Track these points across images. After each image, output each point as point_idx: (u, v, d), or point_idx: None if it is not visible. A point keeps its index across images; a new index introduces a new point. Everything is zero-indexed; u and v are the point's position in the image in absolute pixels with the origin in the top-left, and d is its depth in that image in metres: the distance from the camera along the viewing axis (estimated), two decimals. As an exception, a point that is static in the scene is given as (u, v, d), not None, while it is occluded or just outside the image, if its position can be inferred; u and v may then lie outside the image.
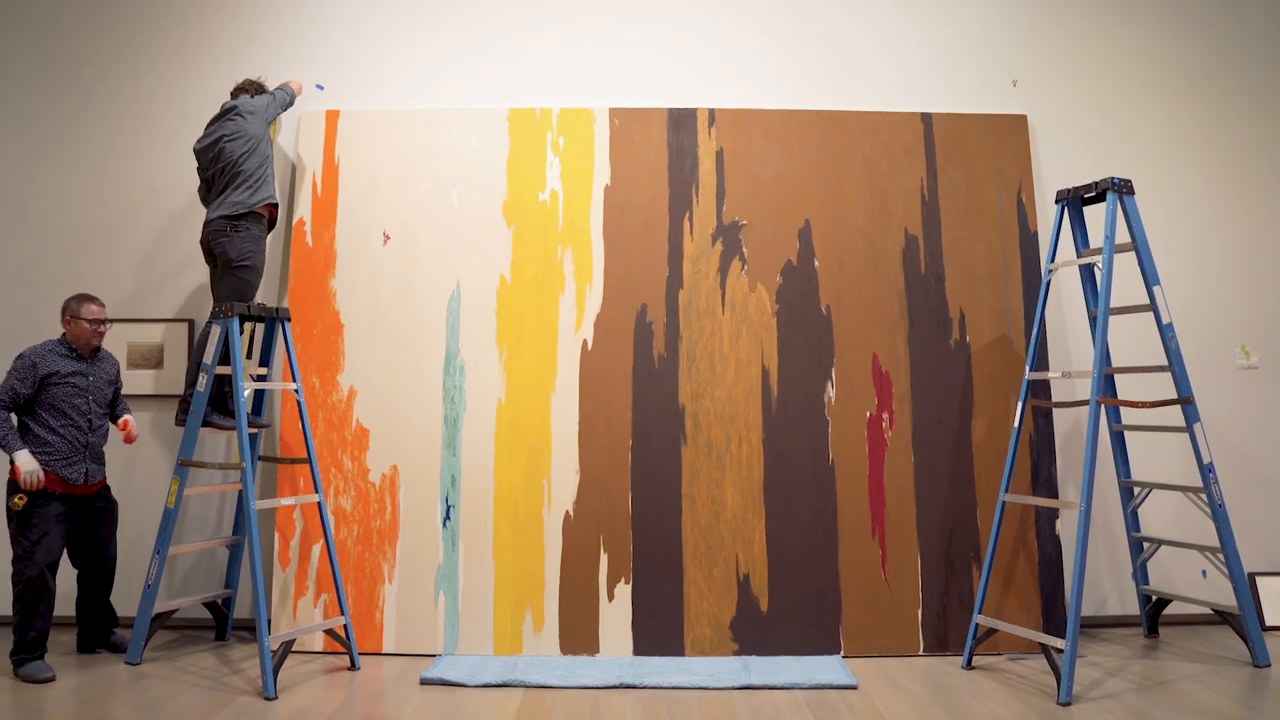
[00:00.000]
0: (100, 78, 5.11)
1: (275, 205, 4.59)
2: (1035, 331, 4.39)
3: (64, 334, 4.29)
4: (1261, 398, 5.05)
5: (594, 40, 5.07)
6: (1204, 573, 4.92)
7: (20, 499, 4.06)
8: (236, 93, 4.66)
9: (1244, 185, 5.14)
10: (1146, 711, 3.67)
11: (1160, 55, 5.17)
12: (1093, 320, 4.49)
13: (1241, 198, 5.13)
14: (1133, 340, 4.88)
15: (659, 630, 4.46)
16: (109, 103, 5.11)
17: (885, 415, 4.65)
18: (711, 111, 4.88)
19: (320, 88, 5.02)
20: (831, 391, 4.66)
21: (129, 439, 4.36)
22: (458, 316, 4.72)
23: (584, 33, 5.08)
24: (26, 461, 4.07)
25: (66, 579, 4.60)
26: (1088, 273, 4.53)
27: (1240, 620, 4.27)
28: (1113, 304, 4.61)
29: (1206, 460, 4.23)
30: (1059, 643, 3.88)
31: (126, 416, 4.42)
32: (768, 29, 5.10)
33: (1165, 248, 5.04)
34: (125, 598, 4.82)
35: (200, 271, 4.96)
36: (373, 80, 5.04)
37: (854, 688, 3.99)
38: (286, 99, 4.71)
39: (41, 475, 4.08)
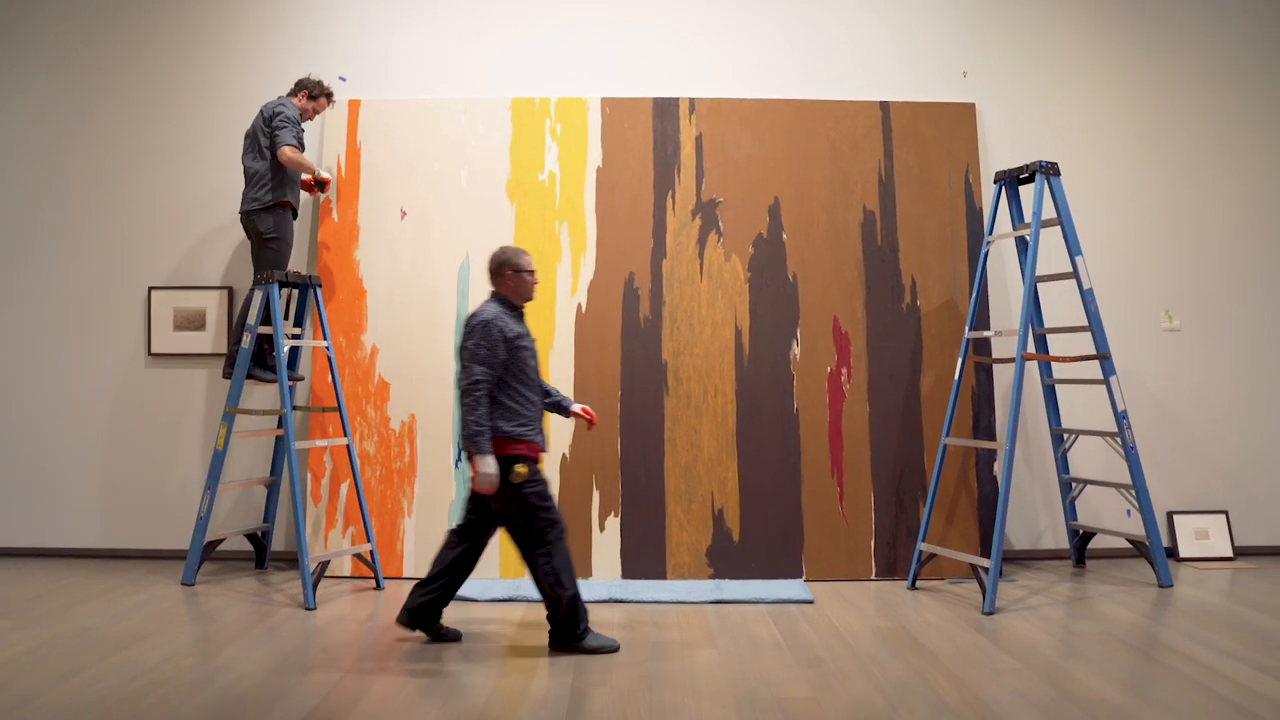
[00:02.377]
0: (143, 78, 5.69)
1: (288, 201, 5.09)
2: (975, 296, 5.01)
3: (497, 293, 3.95)
4: (1182, 357, 5.67)
5: (588, 36, 5.65)
6: (1129, 511, 5.55)
7: (522, 468, 3.76)
8: (295, 88, 5.21)
9: (1169, 165, 5.73)
10: (1057, 619, 4.32)
11: (1097, 49, 5.74)
12: (1032, 289, 5.09)
13: (1167, 177, 5.72)
14: (1066, 304, 5.48)
15: (644, 557, 5.11)
16: (154, 101, 5.69)
17: (844, 370, 5.28)
18: (692, 101, 5.47)
19: (343, 79, 5.60)
20: (796, 349, 5.28)
21: (593, 424, 4.20)
22: (467, 283, 5.34)
23: (579, 29, 5.65)
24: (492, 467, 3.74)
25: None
26: (1022, 244, 5.13)
27: (1148, 548, 4.92)
28: (1042, 272, 5.21)
29: (1121, 409, 4.85)
30: (985, 562, 4.52)
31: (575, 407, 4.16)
32: (744, 26, 5.67)
33: (1099, 222, 5.64)
34: (177, 529, 5.48)
35: (235, 244, 5.57)
36: (390, 72, 5.62)
37: (810, 602, 4.64)
38: (282, 129, 4.95)
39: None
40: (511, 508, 3.82)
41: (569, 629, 3.81)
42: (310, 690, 3.39)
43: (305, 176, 5.17)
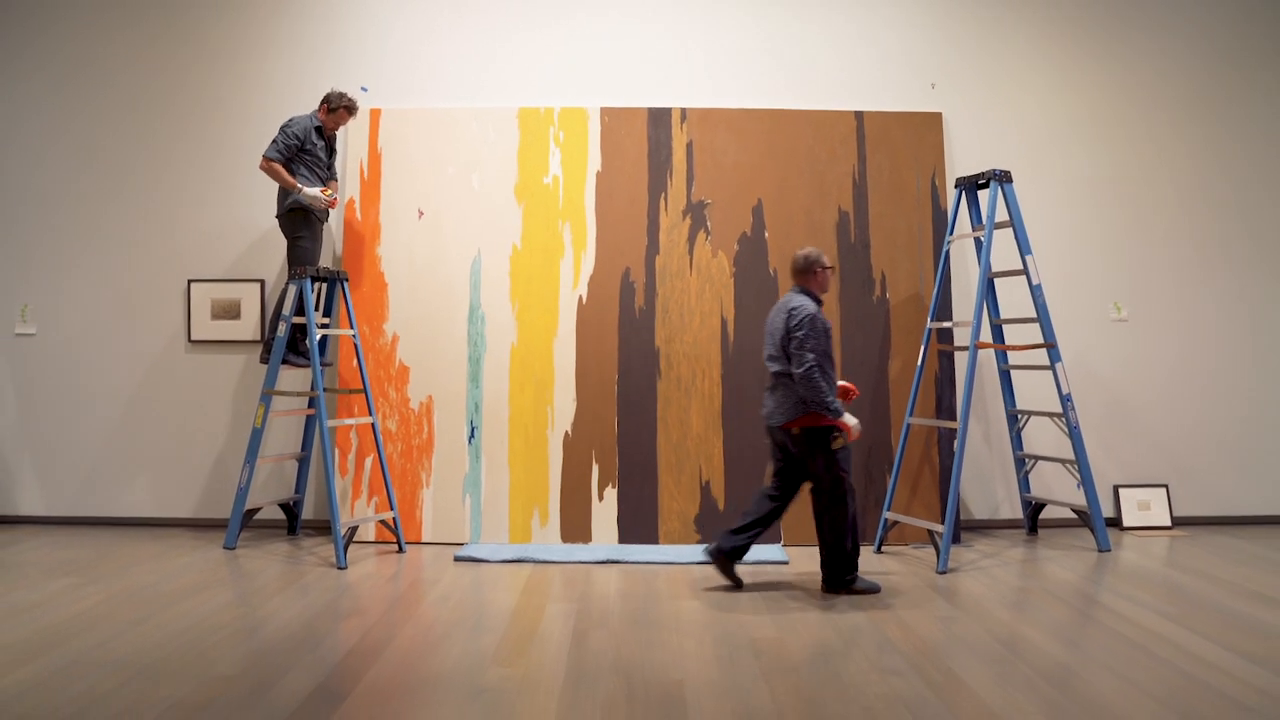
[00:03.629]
0: (184, 99, 6.22)
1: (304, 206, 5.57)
2: (937, 290, 5.56)
3: (805, 287, 4.63)
4: (1129, 345, 6.22)
5: (589, 51, 6.17)
6: (1079, 485, 6.11)
7: (840, 439, 4.52)
8: (320, 102, 5.71)
9: (1120, 169, 6.26)
10: (1002, 577, 4.91)
11: (1053, 65, 6.26)
12: (986, 284, 5.65)
13: (1115, 181, 6.25)
14: (1024, 297, 6.01)
15: (638, 524, 5.69)
16: (196, 119, 6.22)
17: (819, 357, 5.83)
18: (683, 110, 6.01)
19: (365, 89, 6.13)
20: (777, 338, 5.83)
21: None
22: (479, 277, 5.89)
23: (580, 45, 6.17)
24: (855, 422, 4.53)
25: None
26: (980, 243, 5.67)
27: (1090, 517, 5.49)
28: (999, 268, 5.75)
29: (1065, 392, 5.41)
30: (940, 528, 5.10)
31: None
32: (732, 42, 6.19)
33: (1055, 221, 6.18)
34: (215, 500, 6.07)
35: (266, 240, 6.11)
36: (409, 84, 6.15)
37: (786, 563, 5.22)
38: (271, 142, 5.51)
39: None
40: (824, 469, 4.54)
41: (842, 575, 4.56)
42: (349, 633, 3.97)
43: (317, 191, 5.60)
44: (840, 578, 4.56)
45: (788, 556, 5.32)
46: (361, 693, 3.29)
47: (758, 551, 5.33)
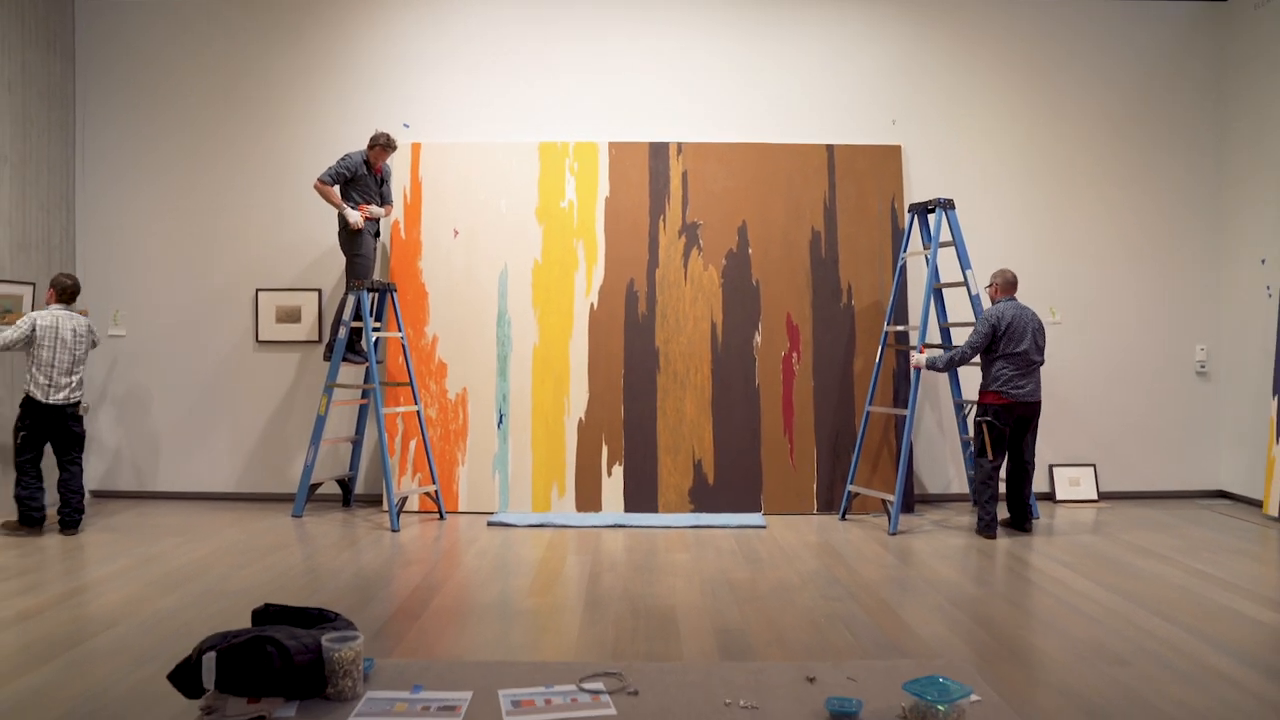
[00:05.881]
0: (251, 137, 7.26)
1: (350, 226, 6.58)
2: (893, 298, 6.59)
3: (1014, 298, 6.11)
4: (1065, 344, 7.24)
5: (598, 94, 7.19)
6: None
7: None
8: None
9: (1052, 193, 7.28)
10: (941, 538, 5.94)
11: (997, 104, 7.28)
12: (934, 292, 6.68)
13: (1051, 201, 7.27)
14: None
15: (641, 496, 6.73)
16: (261, 152, 7.27)
17: (794, 354, 6.88)
18: (679, 145, 7.03)
19: (406, 126, 7.16)
20: (758, 338, 6.88)
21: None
22: (506, 286, 6.93)
23: (591, 89, 7.19)
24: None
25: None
26: (928, 260, 6.69)
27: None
28: (946, 279, 6.77)
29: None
30: (891, 496, 6.14)
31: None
32: (721, 85, 7.21)
33: (999, 236, 7.20)
34: (279, 477, 7.12)
35: (323, 256, 7.15)
36: (445, 121, 7.18)
37: (764, 528, 6.26)
38: (332, 169, 6.48)
39: None
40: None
41: (981, 522, 5.96)
42: (410, 576, 5.02)
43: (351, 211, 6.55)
44: (986, 527, 5.97)
45: (766, 522, 6.37)
46: (430, 614, 4.34)
47: (740, 520, 6.37)
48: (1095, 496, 7.13)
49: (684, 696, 2.28)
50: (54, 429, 6.02)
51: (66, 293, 6.09)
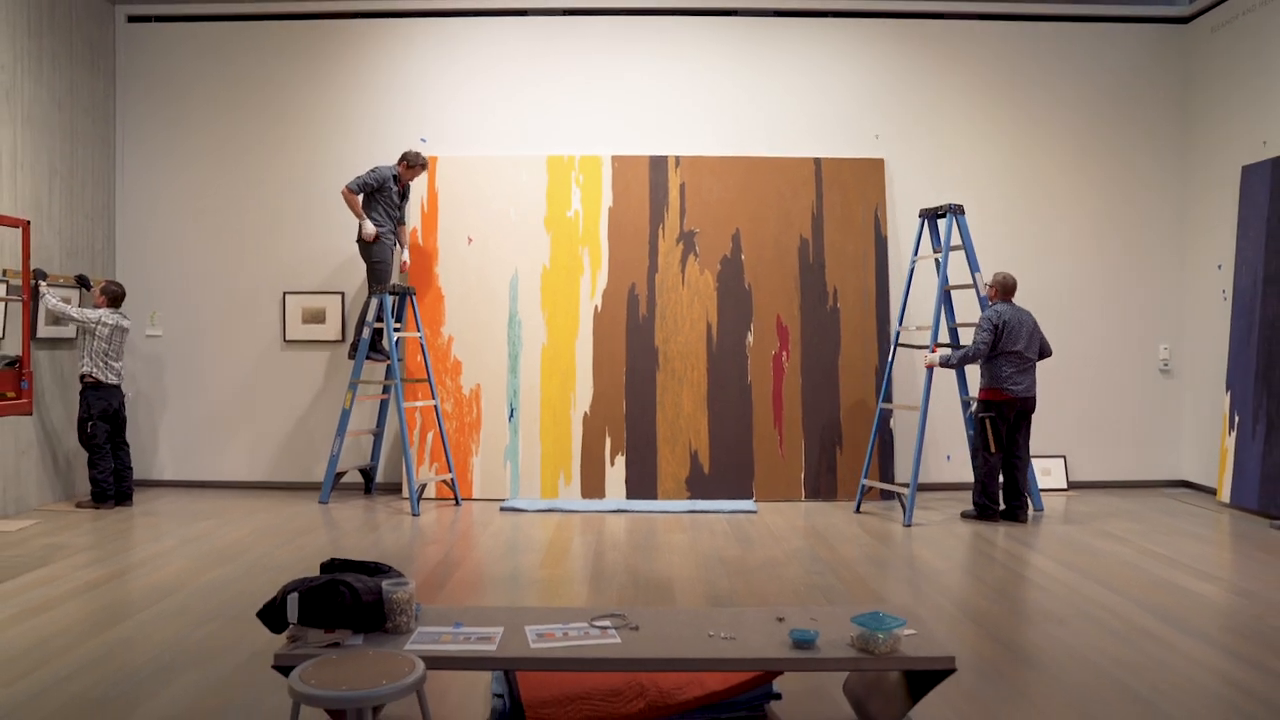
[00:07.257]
0: (280, 152, 7.80)
1: (368, 235, 7.13)
2: (903, 300, 7.06)
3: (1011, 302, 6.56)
4: (1058, 347, 7.74)
5: (602, 111, 7.72)
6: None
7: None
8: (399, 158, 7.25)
9: (1031, 202, 7.81)
10: (920, 519, 6.47)
11: (974, 120, 7.80)
12: (944, 295, 7.16)
13: (1030, 210, 7.80)
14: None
15: (642, 484, 7.26)
16: (288, 163, 7.80)
17: (784, 354, 7.41)
18: (677, 158, 7.56)
19: (424, 140, 7.70)
20: (751, 338, 7.41)
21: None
22: (516, 290, 7.46)
23: (596, 106, 7.73)
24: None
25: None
26: (939, 263, 7.18)
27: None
28: (952, 282, 7.25)
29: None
30: (889, 486, 6.67)
31: None
32: (717, 102, 7.73)
33: (978, 244, 7.71)
34: (304, 467, 7.66)
35: (346, 261, 7.68)
36: (460, 135, 7.71)
37: (754, 513, 6.79)
38: (360, 178, 7.04)
39: None
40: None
41: (984, 509, 6.48)
42: (434, 553, 5.55)
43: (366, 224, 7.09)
44: (984, 510, 6.52)
45: (757, 508, 6.90)
46: (454, 583, 4.87)
47: (733, 506, 6.91)
48: (1065, 485, 7.65)
49: (676, 631, 2.82)
50: (110, 412, 6.80)
51: (117, 300, 6.73)
